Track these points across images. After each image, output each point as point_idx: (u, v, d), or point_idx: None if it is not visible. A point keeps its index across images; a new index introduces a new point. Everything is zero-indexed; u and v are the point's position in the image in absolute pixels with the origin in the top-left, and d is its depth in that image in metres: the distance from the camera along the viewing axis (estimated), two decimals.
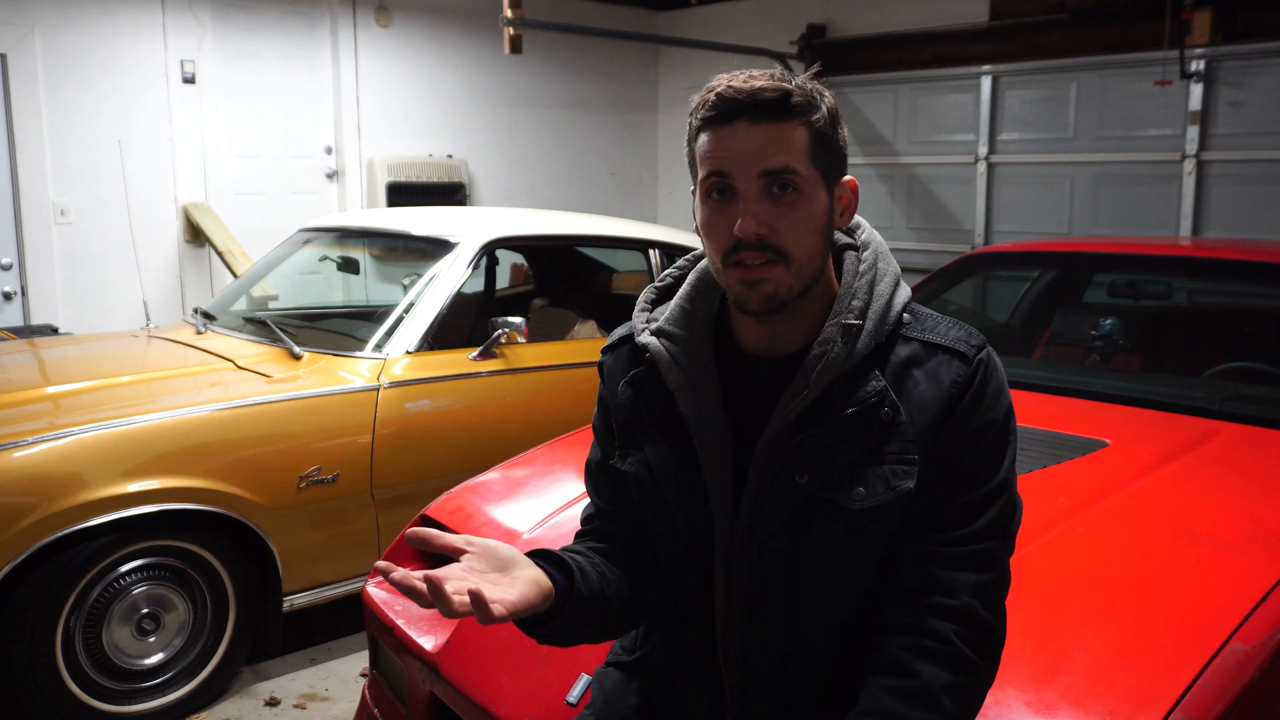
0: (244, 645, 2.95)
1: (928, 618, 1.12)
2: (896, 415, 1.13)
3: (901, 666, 1.11)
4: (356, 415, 3.05)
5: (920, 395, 1.15)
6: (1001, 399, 1.18)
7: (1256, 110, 5.42)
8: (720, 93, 1.11)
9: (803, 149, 1.11)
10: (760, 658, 1.20)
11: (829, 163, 1.15)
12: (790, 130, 1.11)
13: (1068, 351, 3.20)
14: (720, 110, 1.11)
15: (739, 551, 1.18)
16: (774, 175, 1.10)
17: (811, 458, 1.14)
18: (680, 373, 1.20)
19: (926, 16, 6.67)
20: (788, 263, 1.12)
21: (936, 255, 6.41)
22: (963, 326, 1.20)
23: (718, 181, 1.13)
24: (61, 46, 5.42)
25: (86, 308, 5.60)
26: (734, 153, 1.11)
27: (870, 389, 1.13)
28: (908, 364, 1.17)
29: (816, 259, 1.15)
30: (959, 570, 1.13)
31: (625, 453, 1.27)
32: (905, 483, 1.13)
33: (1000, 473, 1.16)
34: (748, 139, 1.10)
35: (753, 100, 1.10)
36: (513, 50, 5.49)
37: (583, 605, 1.17)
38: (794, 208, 1.12)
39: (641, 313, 1.30)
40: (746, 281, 1.13)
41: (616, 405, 1.29)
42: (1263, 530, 1.78)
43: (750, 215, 1.10)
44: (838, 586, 1.17)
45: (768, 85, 1.10)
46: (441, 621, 2.03)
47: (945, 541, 1.13)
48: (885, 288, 1.19)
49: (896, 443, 1.13)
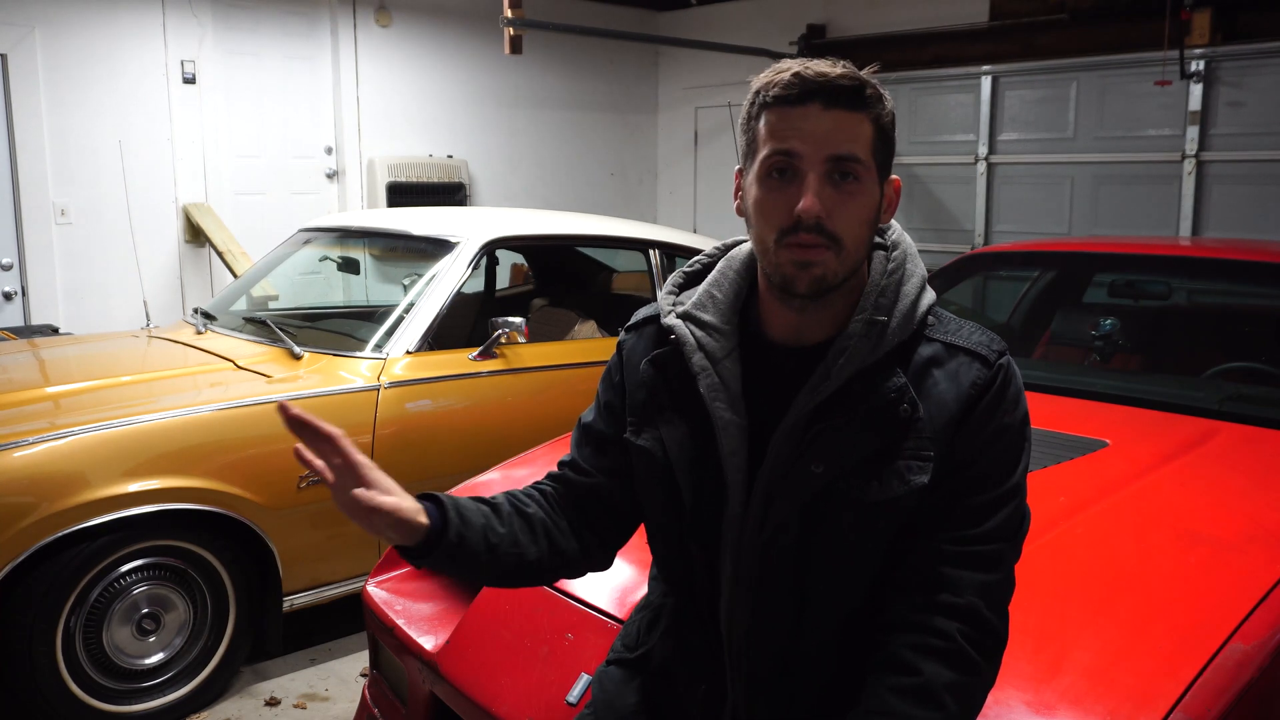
0: (244, 645, 2.95)
1: (933, 616, 1.12)
2: (915, 412, 1.14)
3: (905, 664, 1.11)
4: (356, 415, 3.05)
5: (940, 395, 1.16)
6: (1020, 405, 1.19)
7: (1256, 110, 5.42)
8: (798, 73, 1.12)
9: (868, 140, 1.13)
10: (765, 653, 1.20)
11: (885, 158, 1.17)
12: (860, 120, 1.13)
13: (1068, 351, 3.20)
14: (796, 90, 1.12)
15: (749, 541, 1.18)
16: (840, 162, 1.12)
17: (828, 449, 1.14)
18: (704, 356, 1.21)
19: (926, 16, 6.67)
20: (839, 249, 1.13)
21: (936, 255, 6.40)
22: (985, 332, 1.21)
23: (781, 160, 1.13)
24: (61, 46, 5.42)
25: (86, 308, 5.60)
26: (804, 133, 1.12)
27: (891, 385, 1.14)
28: (929, 364, 1.18)
29: (862, 250, 1.17)
30: (966, 570, 1.13)
31: (640, 429, 1.27)
32: (919, 478, 1.13)
33: (1014, 477, 1.17)
34: (819, 122, 1.11)
35: (829, 85, 1.11)
36: (513, 50, 5.49)
37: (461, 547, 1.22)
38: (853, 196, 1.13)
39: (669, 295, 1.31)
40: (799, 262, 1.13)
41: (635, 383, 1.29)
42: (1263, 530, 1.78)
43: (814, 194, 1.11)
44: (845, 581, 1.18)
45: (844, 73, 1.12)
46: (442, 621, 2.03)
47: (954, 541, 1.14)
48: (912, 288, 1.20)
49: (913, 439, 1.14)
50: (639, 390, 1.28)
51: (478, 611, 1.93)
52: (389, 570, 2.27)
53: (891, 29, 6.85)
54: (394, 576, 2.25)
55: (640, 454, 1.27)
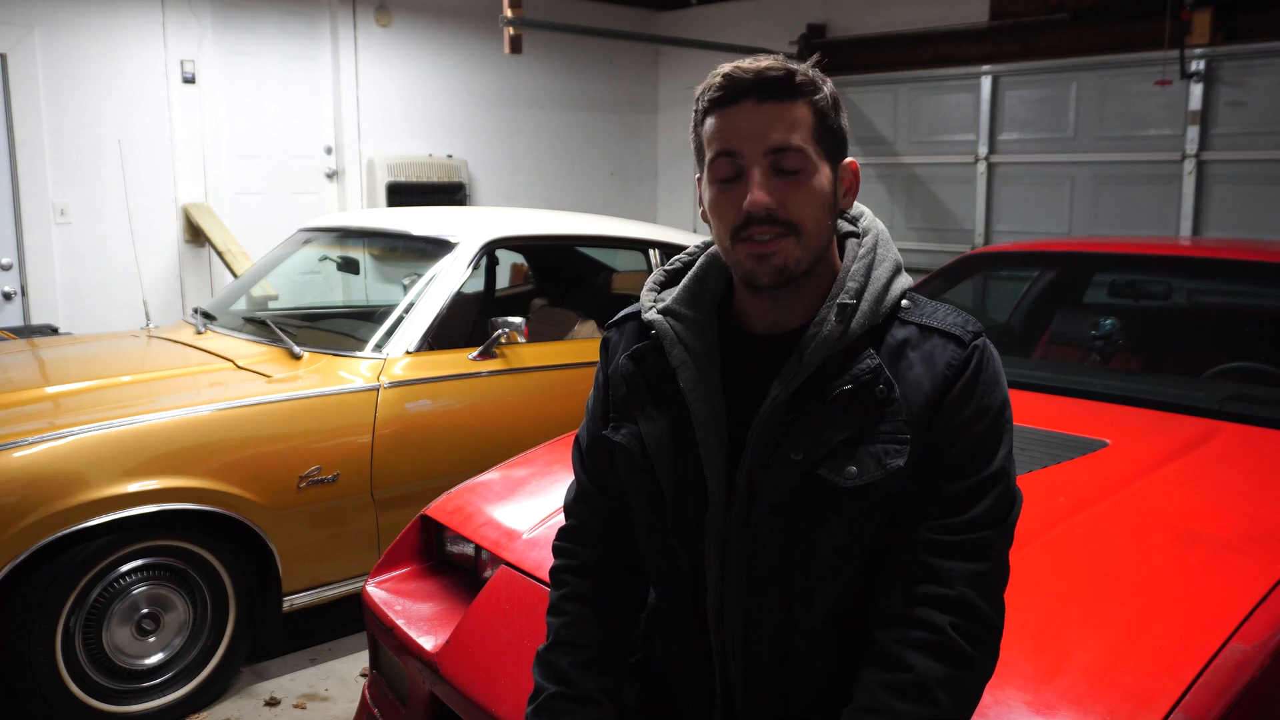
0: (244, 645, 2.94)
1: (919, 607, 1.11)
2: (890, 393, 1.14)
3: (895, 660, 1.10)
4: (356, 415, 3.05)
5: (914, 376, 1.16)
6: (997, 387, 1.18)
7: (1256, 110, 5.42)
8: (728, 74, 1.14)
9: (807, 127, 1.14)
10: (758, 648, 1.20)
11: (832, 143, 1.17)
12: (795, 108, 1.14)
13: (1068, 351, 3.20)
14: (727, 90, 1.14)
15: (735, 533, 1.18)
16: (780, 153, 1.13)
17: (805, 435, 1.14)
18: (683, 350, 1.22)
19: (926, 16, 6.67)
20: (798, 234, 1.14)
21: (936, 255, 6.40)
22: (960, 314, 1.21)
23: (726, 161, 1.15)
24: (61, 46, 5.42)
25: (86, 308, 5.60)
26: (741, 131, 1.14)
27: (864, 366, 1.14)
28: (903, 345, 1.17)
29: (824, 234, 1.18)
30: (954, 559, 1.12)
31: (619, 425, 1.27)
32: (895, 460, 1.13)
33: (995, 462, 1.16)
34: (754, 117, 1.13)
35: (759, 79, 1.13)
36: (513, 50, 5.49)
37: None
38: (801, 185, 1.14)
39: (649, 292, 1.31)
40: (756, 255, 1.14)
41: (616, 379, 1.29)
42: (1263, 530, 1.78)
43: (759, 188, 1.12)
44: (832, 572, 1.17)
45: (773, 64, 1.13)
46: (442, 621, 2.04)
47: (940, 530, 1.13)
48: (883, 272, 1.20)
49: (890, 421, 1.14)
50: (620, 386, 1.28)
51: (478, 611, 1.93)
52: (389, 570, 2.27)
53: (891, 29, 6.85)
54: (394, 576, 2.25)
55: (620, 450, 1.27)
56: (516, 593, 1.90)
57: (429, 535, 2.32)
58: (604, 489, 1.35)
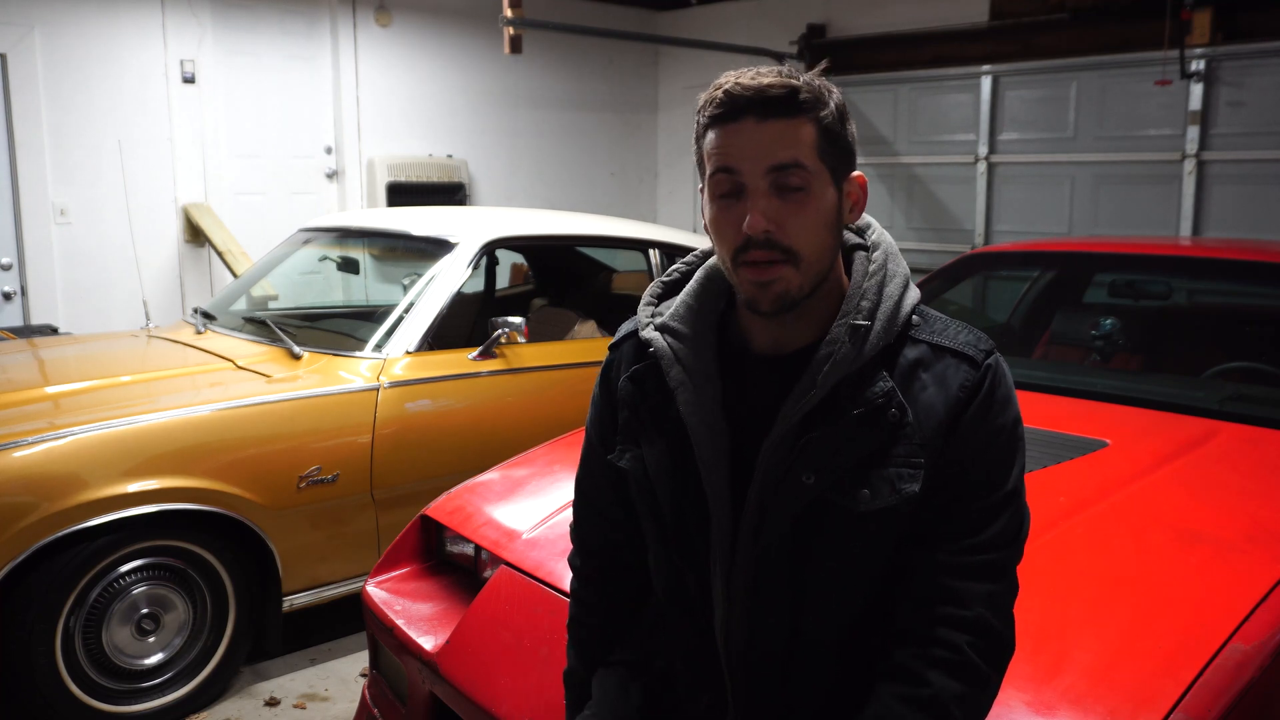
0: (244, 645, 2.94)
1: (939, 627, 1.11)
2: (904, 416, 1.12)
3: (912, 675, 1.10)
4: (356, 415, 3.04)
5: (928, 399, 1.14)
6: (1010, 406, 1.17)
7: (1256, 110, 5.42)
8: (728, 90, 1.11)
9: (810, 145, 1.11)
10: (763, 662, 1.19)
11: (837, 159, 1.14)
12: (798, 126, 1.10)
13: (1068, 351, 3.20)
14: (728, 107, 1.11)
15: (743, 554, 1.16)
16: (782, 170, 1.10)
17: (818, 458, 1.13)
18: (681, 369, 1.20)
19: (926, 16, 6.67)
20: (796, 262, 1.11)
21: (936, 255, 6.40)
22: (972, 331, 1.19)
23: (725, 178, 1.12)
24: (61, 46, 5.42)
25: (86, 308, 5.60)
26: (742, 149, 1.11)
27: (878, 389, 1.13)
28: (915, 366, 1.16)
29: (826, 256, 1.15)
30: (971, 580, 1.12)
31: (624, 449, 1.26)
32: (910, 486, 1.12)
33: (1010, 481, 1.15)
34: (755, 135, 1.10)
35: (760, 97, 1.10)
36: (513, 50, 5.49)
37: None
38: (803, 205, 1.11)
39: (646, 307, 1.29)
40: (758, 283, 1.12)
41: (619, 402, 1.28)
42: (1263, 530, 1.78)
43: (758, 212, 1.10)
44: (842, 590, 1.16)
45: (775, 82, 1.10)
46: (442, 621, 2.03)
47: (956, 551, 1.13)
48: (895, 289, 1.18)
49: (903, 445, 1.12)
50: (621, 409, 1.27)
51: (478, 611, 1.93)
52: (389, 570, 2.27)
53: (891, 29, 6.84)
54: (394, 576, 2.25)
55: (627, 475, 1.27)
56: (516, 593, 1.90)
57: (429, 535, 2.32)
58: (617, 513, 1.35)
